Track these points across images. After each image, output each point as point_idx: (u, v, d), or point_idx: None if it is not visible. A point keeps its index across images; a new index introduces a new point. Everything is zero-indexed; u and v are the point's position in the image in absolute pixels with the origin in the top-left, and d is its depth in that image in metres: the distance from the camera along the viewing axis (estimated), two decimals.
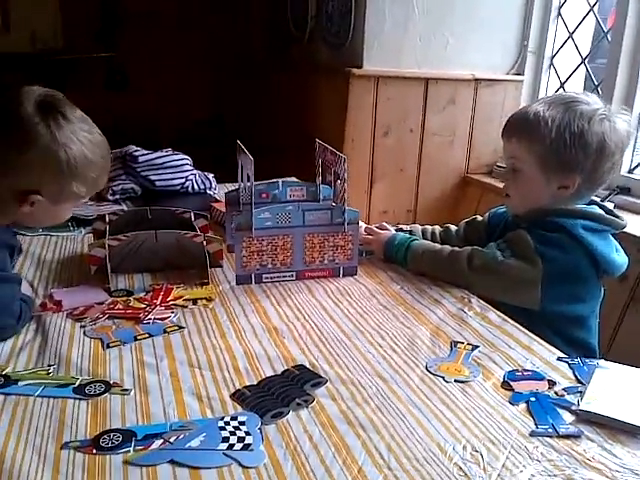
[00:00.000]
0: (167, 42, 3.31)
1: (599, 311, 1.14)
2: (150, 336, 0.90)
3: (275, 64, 2.94)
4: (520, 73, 2.24)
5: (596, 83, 2.00)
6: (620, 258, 1.10)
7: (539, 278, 1.04)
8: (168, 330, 0.92)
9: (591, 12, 2.05)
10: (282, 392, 0.76)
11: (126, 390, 0.75)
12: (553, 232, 1.06)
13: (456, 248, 1.14)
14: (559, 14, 2.16)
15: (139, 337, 0.90)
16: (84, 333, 0.90)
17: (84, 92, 3.13)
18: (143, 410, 0.71)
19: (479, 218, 1.30)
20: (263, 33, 3.14)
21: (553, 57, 2.21)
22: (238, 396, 0.75)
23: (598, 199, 1.61)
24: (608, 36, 1.91)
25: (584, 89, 2.18)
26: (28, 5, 3.30)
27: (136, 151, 1.69)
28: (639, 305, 1.49)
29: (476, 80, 2.18)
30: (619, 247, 1.12)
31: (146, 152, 1.70)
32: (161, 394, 0.75)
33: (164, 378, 0.79)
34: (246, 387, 0.77)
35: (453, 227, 1.32)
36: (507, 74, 2.24)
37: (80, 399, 0.73)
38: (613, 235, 1.11)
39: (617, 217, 1.11)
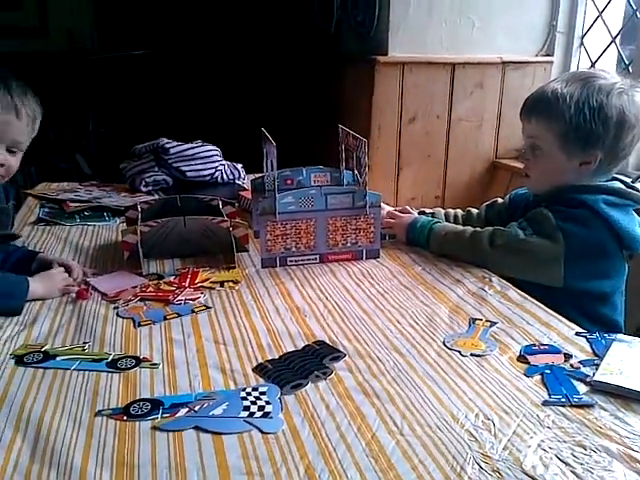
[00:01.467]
0: (197, 38, 3.38)
1: (625, 288, 1.14)
2: (179, 316, 0.95)
3: (302, 56, 2.96)
4: (549, 54, 2.20)
5: (627, 63, 1.96)
6: None
7: (561, 255, 1.04)
8: (196, 310, 0.97)
9: None
10: (302, 365, 0.79)
11: (155, 364, 0.80)
12: (574, 208, 1.06)
13: (478, 229, 1.15)
14: None
15: (168, 317, 0.94)
16: (117, 314, 0.95)
17: (119, 89, 3.24)
18: (170, 382, 0.76)
19: (500, 200, 1.30)
20: (290, 26, 3.16)
21: (583, 37, 2.17)
22: (260, 369, 0.79)
23: (628, 179, 1.59)
24: (638, 14, 1.87)
25: (616, 69, 2.14)
26: (64, 6, 3.41)
27: (167, 143, 1.74)
28: None
29: (504, 63, 2.16)
30: None
31: (177, 144, 1.75)
32: (187, 368, 0.79)
33: (190, 353, 0.83)
34: (268, 361, 0.81)
35: (474, 210, 1.33)
36: (536, 56, 2.21)
37: (113, 372, 0.78)
38: (636, 211, 1.10)
39: (639, 192, 1.10)
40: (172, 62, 3.39)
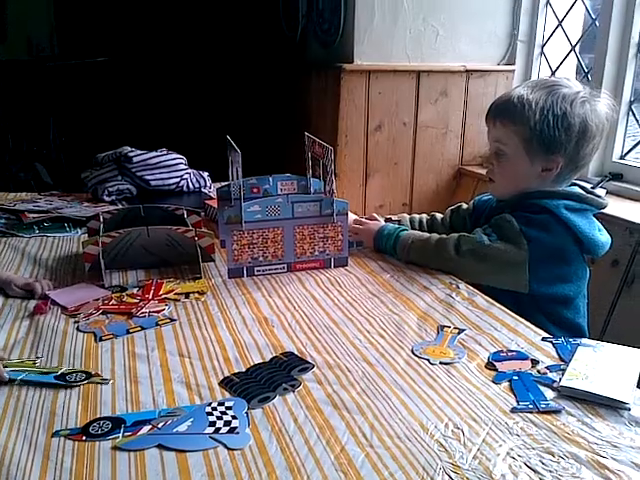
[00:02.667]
0: (159, 43, 3.33)
1: (587, 292, 1.15)
2: (142, 329, 0.92)
3: (268, 64, 2.95)
4: (511, 63, 2.25)
5: (586, 71, 2.01)
6: (603, 237, 1.12)
7: (526, 260, 1.06)
8: (160, 323, 0.94)
9: (579, 0, 2.05)
10: (269, 378, 0.77)
11: (105, 380, 0.77)
12: (537, 214, 1.08)
13: (443, 235, 1.15)
14: (548, 2, 2.17)
15: (132, 330, 0.92)
16: (77, 328, 0.92)
17: (80, 96, 3.17)
18: (133, 399, 0.73)
19: (464, 206, 1.31)
20: (256, 34, 3.15)
21: (543, 46, 2.22)
22: (226, 383, 0.77)
23: (589, 185, 1.62)
24: (597, 23, 1.92)
25: (575, 78, 2.19)
26: (24, 12, 3.33)
27: (130, 152, 1.71)
28: (632, 289, 1.50)
29: (467, 71, 2.20)
30: (601, 227, 1.14)
31: (140, 152, 1.72)
32: (151, 383, 0.76)
33: (154, 368, 0.80)
34: (234, 374, 0.79)
35: (439, 215, 1.34)
36: (498, 64, 2.25)
37: (60, 385, 0.75)
38: (595, 215, 1.12)
39: (598, 197, 1.12)
40: (134, 69, 3.34)
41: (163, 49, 3.33)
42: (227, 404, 0.71)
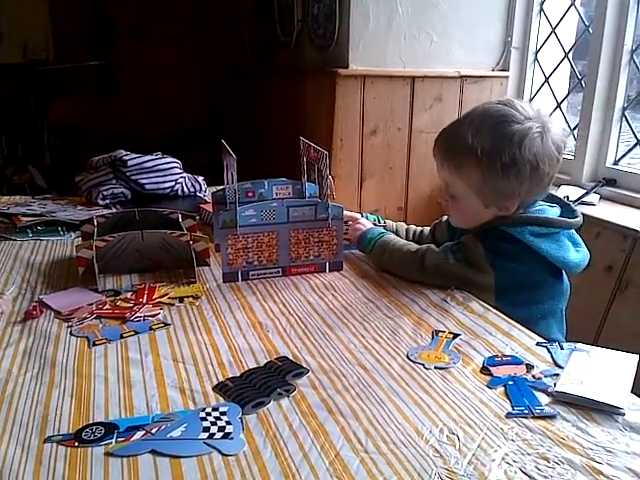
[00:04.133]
0: (157, 51, 3.34)
1: (565, 306, 1.13)
2: (136, 334, 0.91)
3: (263, 69, 2.96)
4: (505, 69, 2.26)
5: (579, 77, 2.02)
6: (578, 256, 1.07)
7: (491, 286, 1.04)
8: (154, 327, 0.94)
9: (573, 7, 2.07)
10: (264, 383, 0.77)
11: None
12: (503, 241, 1.05)
13: (414, 246, 1.14)
14: (541, 9, 2.18)
15: (125, 335, 0.91)
16: (70, 333, 0.91)
17: (75, 100, 3.17)
18: (126, 404, 0.72)
19: (445, 218, 1.29)
20: (252, 39, 3.16)
21: (537, 52, 2.23)
22: (220, 388, 0.76)
23: (577, 194, 1.62)
24: (590, 30, 1.93)
25: (569, 84, 2.21)
26: (19, 17, 3.33)
27: (125, 155, 1.70)
28: (625, 294, 1.50)
29: (462, 77, 2.20)
30: (579, 241, 1.10)
31: (135, 156, 1.71)
32: (144, 388, 0.76)
33: (148, 373, 0.80)
34: (229, 379, 0.78)
35: (427, 229, 1.34)
36: (492, 70, 2.26)
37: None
38: (576, 229, 1.09)
39: (573, 211, 1.10)
40: (131, 73, 3.34)
41: (157, 50, 3.33)
42: (221, 409, 0.71)
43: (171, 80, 3.44)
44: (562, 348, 0.86)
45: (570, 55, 2.10)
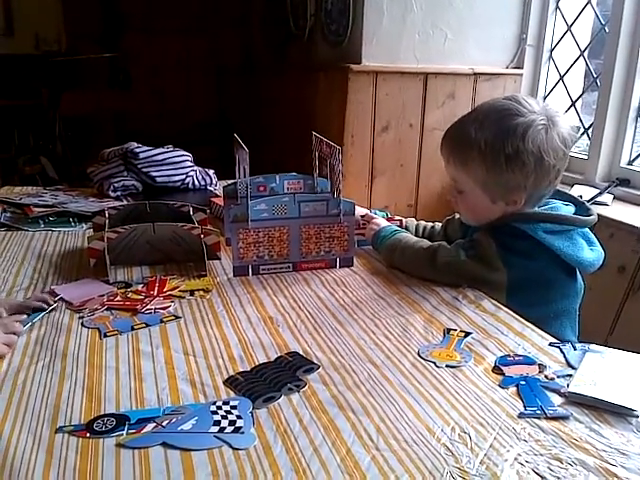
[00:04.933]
0: (168, 44, 3.34)
1: (579, 305, 1.11)
2: (147, 326, 0.92)
3: (275, 64, 2.95)
4: (519, 67, 2.24)
5: (595, 76, 2.00)
6: (592, 254, 1.06)
7: (503, 284, 1.03)
8: (165, 320, 0.94)
9: (589, 5, 2.05)
10: (274, 378, 0.77)
11: None
12: (515, 237, 1.04)
13: (425, 243, 1.13)
14: (557, 7, 2.16)
15: (136, 327, 0.91)
16: (82, 324, 0.92)
17: (87, 92, 3.18)
18: (137, 396, 0.73)
19: (457, 215, 1.28)
20: (263, 32, 3.15)
21: (552, 50, 2.21)
22: (231, 382, 0.76)
23: (590, 194, 1.60)
24: (606, 29, 1.91)
25: (583, 83, 2.19)
26: (32, 8, 3.34)
27: (137, 148, 1.71)
28: (638, 295, 1.49)
29: (475, 74, 2.19)
30: (594, 240, 1.08)
31: (147, 148, 1.72)
32: (155, 380, 0.76)
33: (159, 365, 0.80)
34: (239, 373, 0.78)
35: (439, 225, 1.33)
36: (506, 68, 2.25)
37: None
38: (590, 228, 1.08)
39: (587, 210, 1.08)
40: (143, 66, 3.34)
41: (169, 43, 3.32)
42: (232, 403, 0.71)
43: (181, 74, 3.45)
44: (575, 349, 0.85)
45: (585, 54, 2.08)
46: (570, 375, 0.77)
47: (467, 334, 0.90)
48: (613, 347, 0.85)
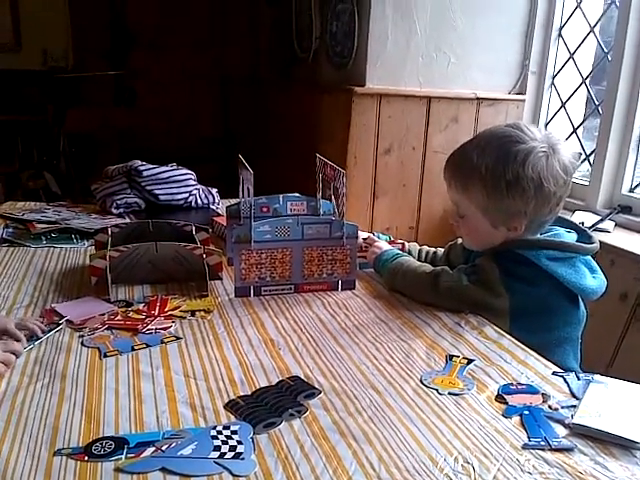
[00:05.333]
0: (175, 62, 3.37)
1: (581, 333, 1.11)
2: (147, 346, 0.91)
3: (280, 84, 2.98)
4: (522, 92, 2.26)
5: (597, 103, 2.02)
6: (595, 282, 1.06)
7: (505, 310, 1.03)
8: (165, 341, 0.93)
9: (592, 33, 2.07)
10: (275, 402, 0.76)
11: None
12: (519, 264, 1.04)
13: (428, 267, 1.13)
14: (560, 35, 2.19)
15: (136, 347, 0.91)
16: (82, 343, 0.91)
17: (92, 109, 3.20)
18: (137, 419, 0.72)
19: (460, 240, 1.28)
20: (269, 54, 3.19)
21: (554, 77, 2.23)
22: (232, 406, 0.75)
23: (591, 220, 1.59)
24: (609, 57, 1.93)
25: (585, 110, 2.20)
26: (40, 24, 3.37)
27: (141, 165, 1.71)
28: None
29: (478, 99, 2.21)
30: (596, 268, 1.08)
31: (151, 166, 1.72)
32: (155, 403, 0.75)
33: (159, 387, 0.79)
34: (240, 397, 0.78)
35: (441, 250, 1.33)
36: (509, 93, 2.27)
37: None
38: (592, 256, 1.08)
39: (589, 237, 1.08)
40: (148, 84, 3.37)
41: (175, 62, 3.35)
42: (232, 428, 0.70)
43: (187, 91, 3.47)
44: (579, 379, 0.84)
45: (587, 80, 2.10)
46: (574, 406, 0.77)
47: (470, 361, 0.89)
48: (615, 375, 0.85)
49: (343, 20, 2.27)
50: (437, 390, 0.81)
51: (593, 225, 1.75)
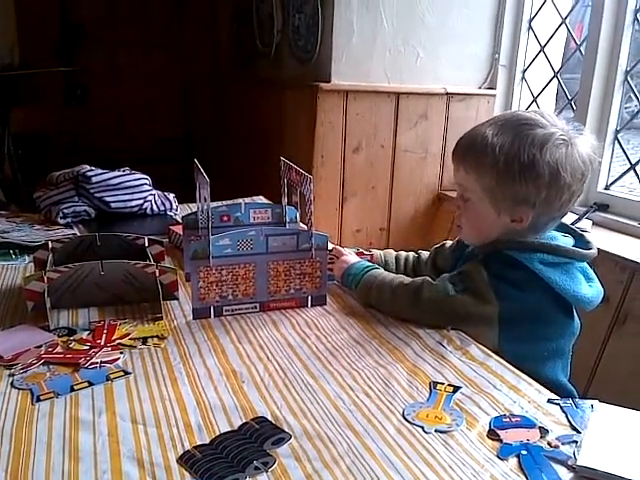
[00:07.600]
0: (130, 58, 3.21)
1: (572, 345, 1.03)
2: (90, 385, 0.79)
3: (242, 80, 2.85)
4: (492, 87, 2.19)
5: (569, 97, 1.96)
6: (592, 290, 0.98)
7: (495, 317, 0.95)
8: (112, 377, 0.81)
9: (562, 25, 2.01)
10: (238, 453, 0.65)
11: None
12: (509, 267, 0.96)
13: (405, 279, 1.04)
14: (530, 27, 2.13)
15: (77, 387, 0.78)
16: (12, 384, 0.78)
17: (41, 108, 3.02)
18: None
19: (448, 244, 1.20)
20: (229, 48, 3.06)
21: (525, 71, 2.17)
22: (186, 460, 0.64)
23: (572, 218, 1.54)
24: (581, 49, 1.88)
25: (556, 103, 2.15)
26: None
27: (89, 171, 1.58)
28: (624, 328, 1.42)
29: (448, 94, 2.13)
30: (592, 276, 1.01)
31: (100, 172, 1.58)
32: (95, 461, 0.64)
33: (100, 439, 0.67)
34: (196, 447, 0.67)
35: (425, 254, 1.23)
36: (479, 88, 2.20)
37: None
38: (589, 263, 1.01)
39: (587, 243, 1.01)
40: (102, 81, 3.20)
41: (130, 58, 3.20)
42: None
43: (143, 88, 3.31)
44: (577, 406, 0.76)
45: (558, 74, 2.04)
46: (576, 441, 0.68)
47: (456, 389, 0.80)
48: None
49: (306, 12, 2.16)
50: (423, 428, 0.71)
51: (572, 224, 1.68)
